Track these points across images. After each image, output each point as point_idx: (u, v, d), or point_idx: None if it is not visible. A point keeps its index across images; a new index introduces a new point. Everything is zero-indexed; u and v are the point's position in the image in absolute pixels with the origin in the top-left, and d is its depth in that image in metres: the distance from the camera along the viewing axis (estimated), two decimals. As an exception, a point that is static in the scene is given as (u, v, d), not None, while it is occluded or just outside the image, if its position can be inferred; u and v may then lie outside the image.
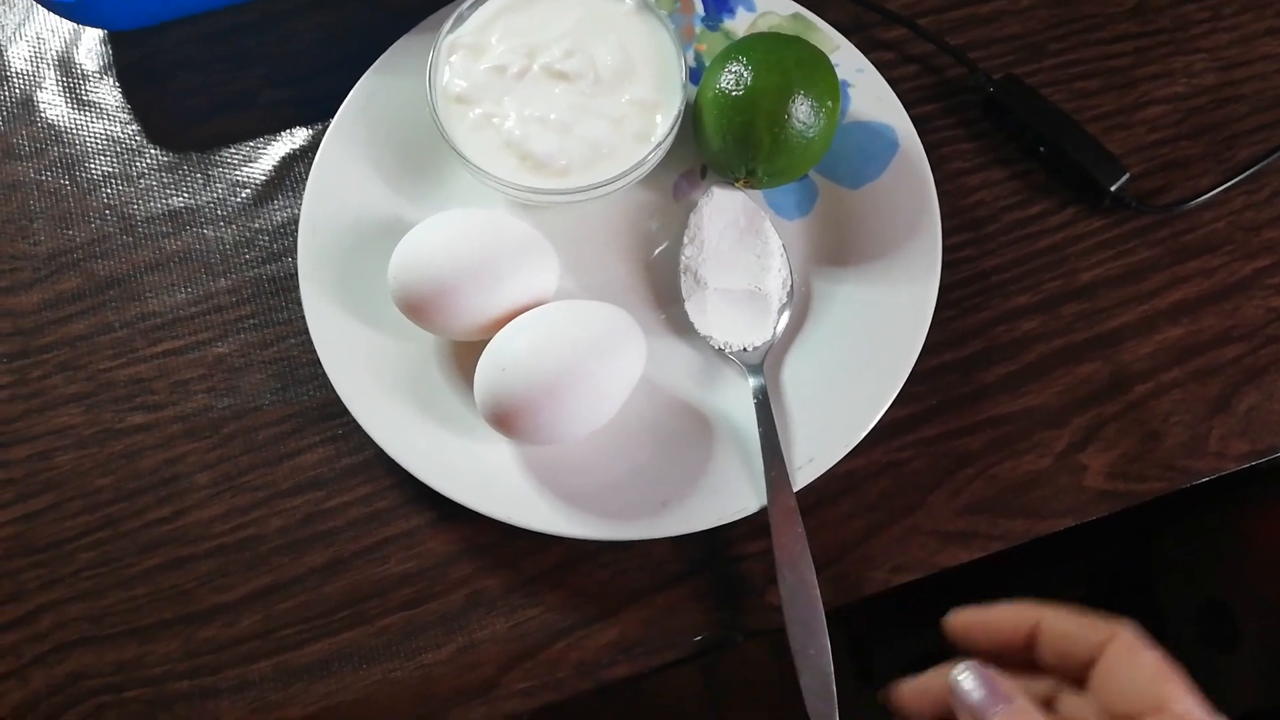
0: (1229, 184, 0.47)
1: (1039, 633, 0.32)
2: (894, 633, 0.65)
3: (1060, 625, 0.32)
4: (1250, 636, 0.50)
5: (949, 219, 0.45)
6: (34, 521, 0.42)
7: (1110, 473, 0.43)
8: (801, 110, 0.41)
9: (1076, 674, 0.31)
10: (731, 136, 0.42)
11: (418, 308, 0.40)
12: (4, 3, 0.52)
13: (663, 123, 0.43)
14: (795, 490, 0.40)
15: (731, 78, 0.42)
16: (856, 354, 0.42)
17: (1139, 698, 0.29)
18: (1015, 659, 0.32)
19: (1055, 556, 0.55)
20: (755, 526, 0.39)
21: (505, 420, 0.39)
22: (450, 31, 0.44)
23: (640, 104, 0.43)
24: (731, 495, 0.40)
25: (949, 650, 0.33)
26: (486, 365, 0.39)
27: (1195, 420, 0.44)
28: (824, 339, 0.43)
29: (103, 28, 0.50)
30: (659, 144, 0.42)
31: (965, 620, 0.33)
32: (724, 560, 0.41)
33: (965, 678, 0.30)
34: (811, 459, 0.41)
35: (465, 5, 0.44)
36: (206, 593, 0.41)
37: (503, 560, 0.42)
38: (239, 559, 0.42)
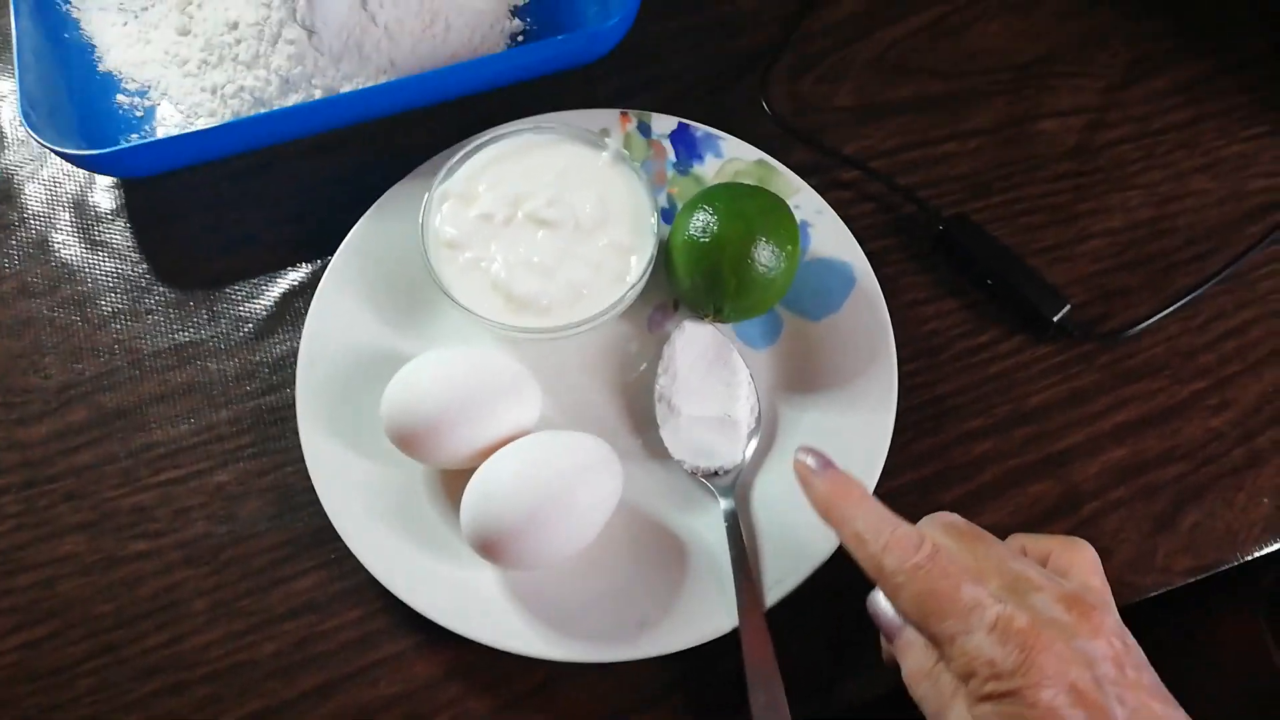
0: (1166, 312, 0.50)
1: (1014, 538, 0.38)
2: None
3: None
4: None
5: (905, 346, 0.48)
6: (36, 649, 0.44)
7: (1064, 588, 0.45)
8: (764, 255, 0.44)
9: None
10: (700, 278, 0.45)
11: (409, 441, 0.43)
12: (22, 147, 0.55)
13: (637, 265, 0.46)
14: (766, 609, 0.42)
15: (699, 225, 0.45)
16: (821, 477, 0.45)
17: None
18: None
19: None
20: (731, 643, 0.41)
21: (490, 547, 0.41)
22: (442, 181, 0.48)
23: (616, 247, 0.46)
24: (706, 616, 0.42)
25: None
26: (472, 494, 0.41)
27: (1141, 537, 0.46)
28: (791, 463, 0.46)
29: (118, 176, 0.54)
30: (634, 285, 0.45)
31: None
32: (701, 678, 0.43)
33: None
34: (780, 579, 0.43)
35: (456, 157, 0.48)
36: (202, 719, 0.43)
37: (488, 682, 0.43)
38: (234, 684, 0.43)
